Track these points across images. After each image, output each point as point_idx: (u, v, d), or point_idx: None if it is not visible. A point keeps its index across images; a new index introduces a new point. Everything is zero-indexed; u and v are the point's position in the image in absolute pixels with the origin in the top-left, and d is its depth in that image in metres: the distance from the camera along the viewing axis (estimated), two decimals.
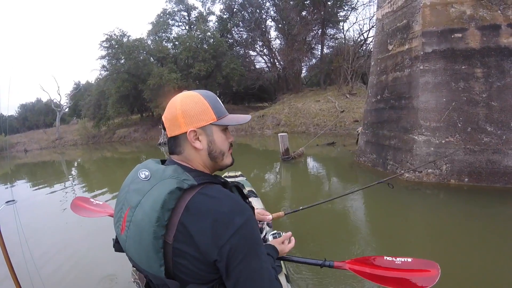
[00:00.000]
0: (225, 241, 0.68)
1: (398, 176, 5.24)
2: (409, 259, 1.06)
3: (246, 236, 0.70)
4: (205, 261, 0.70)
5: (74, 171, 12.05)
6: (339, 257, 2.85)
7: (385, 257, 1.09)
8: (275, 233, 1.30)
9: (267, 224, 1.42)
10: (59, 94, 44.89)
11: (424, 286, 0.96)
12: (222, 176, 0.95)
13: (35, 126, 31.89)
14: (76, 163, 15.16)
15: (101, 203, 1.69)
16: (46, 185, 8.61)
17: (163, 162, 0.87)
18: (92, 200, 1.73)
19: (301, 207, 1.99)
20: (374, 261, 1.09)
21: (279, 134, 7.74)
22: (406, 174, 4.98)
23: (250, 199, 1.17)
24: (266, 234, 1.32)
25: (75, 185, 8.51)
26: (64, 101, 27.58)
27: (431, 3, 4.74)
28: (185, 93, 0.85)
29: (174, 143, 0.84)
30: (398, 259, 1.07)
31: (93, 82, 29.38)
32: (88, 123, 24.41)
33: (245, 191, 2.36)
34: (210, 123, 0.81)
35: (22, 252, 2.41)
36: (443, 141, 4.66)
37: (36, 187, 8.54)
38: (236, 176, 3.79)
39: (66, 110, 28.71)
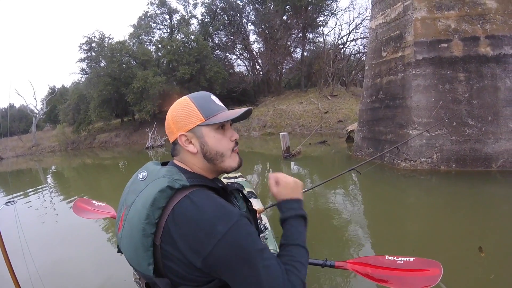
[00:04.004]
0: (208, 251, 0.65)
1: (366, 164, 5.88)
2: (411, 259, 1.05)
3: (232, 245, 0.66)
4: (191, 265, 0.68)
5: (57, 179, 11.70)
6: (340, 255, 3.17)
7: (386, 257, 1.08)
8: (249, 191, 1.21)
9: None
10: (35, 99, 41.78)
11: (426, 286, 0.97)
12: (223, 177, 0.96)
13: (8, 133, 30.16)
14: (51, 170, 14.57)
15: (102, 204, 1.71)
16: (38, 190, 8.55)
17: (165, 164, 0.87)
18: (94, 202, 1.73)
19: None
20: (376, 260, 1.08)
21: (280, 134, 8.34)
22: (403, 163, 5.77)
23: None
24: None
25: (65, 190, 8.53)
26: (40, 106, 26.36)
27: (422, 17, 5.57)
28: (178, 100, 0.84)
29: (174, 148, 0.85)
30: (400, 258, 1.06)
31: (69, 86, 28.35)
32: (66, 128, 23.55)
33: (245, 192, 2.64)
34: (198, 125, 0.79)
35: (22, 252, 2.36)
36: (433, 134, 5.49)
37: (26, 191, 8.46)
38: (235, 177, 3.76)
39: (43, 116, 27.42)
